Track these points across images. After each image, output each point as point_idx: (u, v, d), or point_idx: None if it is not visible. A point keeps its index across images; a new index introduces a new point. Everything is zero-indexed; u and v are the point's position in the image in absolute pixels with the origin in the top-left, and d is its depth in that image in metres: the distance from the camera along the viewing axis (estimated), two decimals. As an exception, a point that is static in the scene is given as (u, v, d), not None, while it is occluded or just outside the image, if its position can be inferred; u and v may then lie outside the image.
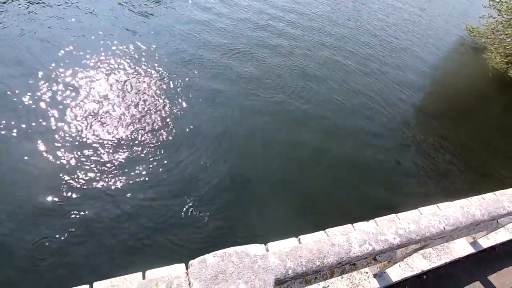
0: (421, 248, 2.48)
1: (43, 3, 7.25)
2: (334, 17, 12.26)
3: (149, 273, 2.68)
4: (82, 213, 3.95)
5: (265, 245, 3.16)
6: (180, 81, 6.38)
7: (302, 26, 10.62)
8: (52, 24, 6.72)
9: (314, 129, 6.33)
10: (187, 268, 2.81)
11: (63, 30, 6.67)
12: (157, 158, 4.77)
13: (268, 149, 5.52)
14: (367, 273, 2.88)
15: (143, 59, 6.61)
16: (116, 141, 4.81)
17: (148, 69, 6.37)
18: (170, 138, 5.13)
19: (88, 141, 4.69)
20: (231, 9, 10.03)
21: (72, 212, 3.93)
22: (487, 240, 3.50)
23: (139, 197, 4.25)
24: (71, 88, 5.42)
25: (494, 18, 13.72)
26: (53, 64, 5.74)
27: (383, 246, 1.88)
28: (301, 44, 9.51)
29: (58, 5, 7.36)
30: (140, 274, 2.65)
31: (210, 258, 1.54)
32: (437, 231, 2.08)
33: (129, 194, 4.26)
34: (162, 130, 5.20)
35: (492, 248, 3.56)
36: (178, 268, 2.77)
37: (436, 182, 6.34)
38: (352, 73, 9.01)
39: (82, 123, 4.91)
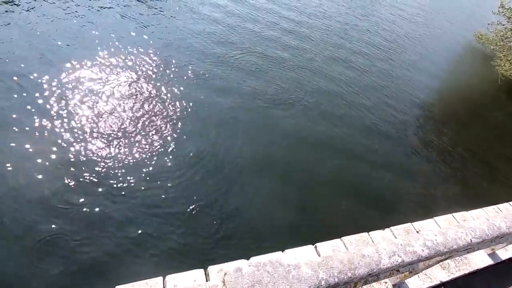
0: (444, 260, 2.47)
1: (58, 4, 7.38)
2: (342, 24, 12.30)
3: (169, 278, 2.69)
4: (89, 215, 3.95)
5: (282, 251, 3.17)
6: (192, 83, 6.44)
7: (311, 30, 10.67)
8: (70, 23, 6.83)
9: (322, 134, 6.33)
10: (206, 273, 2.83)
11: (81, 28, 6.79)
12: (164, 162, 4.76)
13: (275, 153, 5.51)
14: (386, 283, 2.87)
15: (153, 62, 6.69)
16: (124, 142, 4.83)
17: (158, 73, 6.44)
18: (179, 142, 5.15)
19: (98, 141, 4.74)
20: (242, 15, 10.12)
21: (79, 213, 3.93)
22: (506, 252, 3.47)
23: (146, 202, 4.23)
24: (83, 87, 5.49)
25: (503, 25, 13.69)
26: (68, 63, 5.82)
27: (411, 258, 1.88)
28: (311, 48, 9.55)
29: (77, 5, 7.50)
30: (160, 278, 2.67)
31: (246, 267, 1.55)
32: (464, 243, 2.07)
33: (137, 198, 4.24)
34: (173, 133, 5.23)
35: (511, 260, 3.52)
36: (197, 274, 2.78)
37: (444, 189, 6.30)
38: (361, 77, 9.02)
39: (91, 123, 4.95)
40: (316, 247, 3.29)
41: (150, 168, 4.63)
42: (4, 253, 3.47)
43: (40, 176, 4.16)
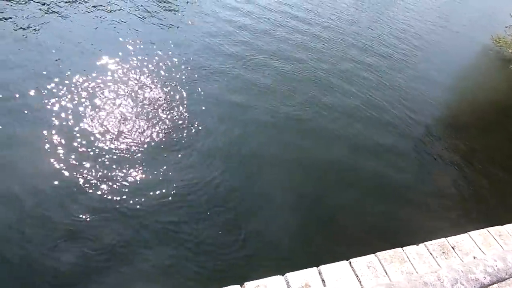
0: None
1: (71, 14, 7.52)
2: (356, 27, 12.21)
3: (207, 294, 2.66)
4: (104, 235, 3.79)
5: (317, 267, 3.10)
6: (202, 90, 6.45)
7: (322, 37, 10.61)
8: (82, 30, 6.96)
9: (337, 142, 6.21)
10: (242, 290, 2.77)
11: (104, 32, 6.93)
12: (185, 176, 4.66)
13: (290, 166, 5.39)
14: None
15: (163, 66, 6.73)
16: (142, 154, 4.77)
17: (169, 78, 6.46)
18: (199, 154, 5.08)
19: (114, 150, 4.70)
20: (254, 21, 10.14)
21: (93, 234, 3.75)
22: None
23: (165, 219, 4.10)
24: (93, 96, 5.55)
25: (522, 28, 13.43)
26: (82, 71, 5.90)
27: (474, 286, 1.80)
28: (322, 55, 9.48)
29: (100, 12, 7.64)
30: (198, 295, 2.64)
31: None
32: (524, 269, 1.99)
33: (153, 216, 4.10)
34: (193, 144, 5.17)
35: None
36: (233, 290, 2.73)
37: (465, 201, 6.11)
38: (373, 85, 8.89)
39: (101, 134, 4.91)
40: (350, 263, 3.21)
41: (170, 182, 4.52)
42: (12, 278, 3.32)
43: (52, 190, 4.05)
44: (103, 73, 6.03)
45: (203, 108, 5.97)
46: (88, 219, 3.89)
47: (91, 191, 4.17)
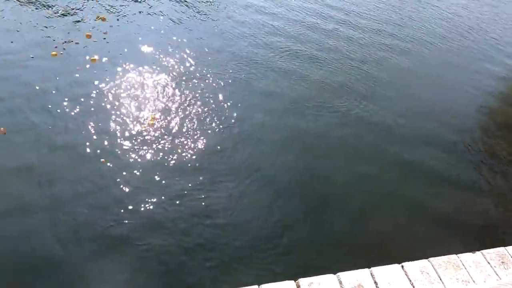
0: None
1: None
2: (398, 19, 11.56)
3: (264, 287, 2.78)
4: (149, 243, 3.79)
5: (369, 268, 3.12)
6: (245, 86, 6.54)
7: (365, 30, 10.20)
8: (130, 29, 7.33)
9: (385, 144, 5.96)
10: (296, 285, 2.88)
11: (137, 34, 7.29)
12: (220, 178, 4.66)
13: (335, 168, 5.28)
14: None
15: (205, 63, 6.90)
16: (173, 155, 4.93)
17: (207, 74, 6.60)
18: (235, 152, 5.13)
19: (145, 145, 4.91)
20: (292, 13, 10.01)
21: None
22: None
23: (207, 221, 4.10)
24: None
25: None
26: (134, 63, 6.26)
27: (560, 304, 1.73)
28: (362, 49, 9.13)
29: (134, 14, 8.00)
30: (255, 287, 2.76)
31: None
32: None
33: (195, 219, 4.09)
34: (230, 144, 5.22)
35: None
36: (288, 285, 2.84)
37: None
38: (419, 79, 8.43)
39: (143, 138, 5.00)
40: (402, 266, 3.19)
41: (212, 185, 4.53)
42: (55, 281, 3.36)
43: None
44: (148, 72, 6.34)
45: (245, 109, 5.97)
46: (131, 226, 3.90)
47: (134, 196, 4.21)
